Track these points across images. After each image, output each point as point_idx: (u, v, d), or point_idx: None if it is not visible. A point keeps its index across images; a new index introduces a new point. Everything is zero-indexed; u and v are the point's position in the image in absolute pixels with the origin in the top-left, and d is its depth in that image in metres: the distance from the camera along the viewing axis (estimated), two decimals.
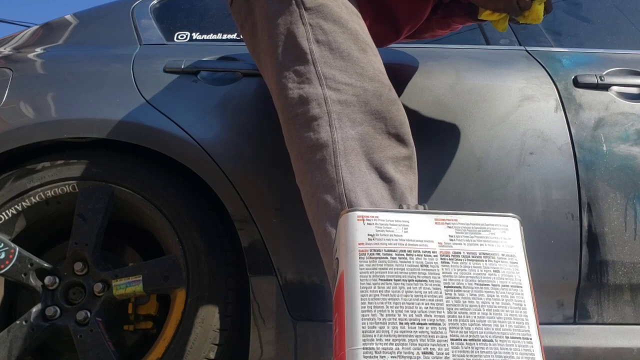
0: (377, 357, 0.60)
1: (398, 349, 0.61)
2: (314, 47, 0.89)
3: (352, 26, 0.92)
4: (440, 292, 0.64)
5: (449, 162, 1.13)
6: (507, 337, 0.62)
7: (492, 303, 0.64)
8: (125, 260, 1.39)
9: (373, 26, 1.10)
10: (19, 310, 1.38)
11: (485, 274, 0.66)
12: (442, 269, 0.66)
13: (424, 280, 0.65)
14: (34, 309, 1.23)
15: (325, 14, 0.91)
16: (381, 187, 0.81)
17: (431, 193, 1.23)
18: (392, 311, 0.63)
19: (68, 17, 1.69)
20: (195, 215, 1.27)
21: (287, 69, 0.89)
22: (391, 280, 0.65)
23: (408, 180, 0.85)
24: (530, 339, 0.62)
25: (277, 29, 0.92)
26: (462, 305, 0.64)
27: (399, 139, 0.87)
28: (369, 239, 0.68)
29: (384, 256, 0.66)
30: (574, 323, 1.20)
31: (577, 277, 1.22)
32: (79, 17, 1.69)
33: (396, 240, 0.68)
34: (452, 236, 0.69)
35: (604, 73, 1.38)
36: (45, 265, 1.26)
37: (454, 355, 0.60)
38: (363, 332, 0.62)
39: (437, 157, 1.25)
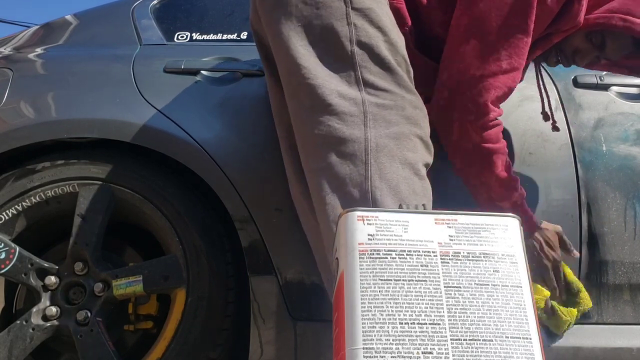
0: (377, 357, 0.60)
1: (398, 348, 0.61)
2: (356, 50, 0.88)
3: (393, 37, 0.93)
4: (440, 292, 0.64)
5: (449, 163, 1.13)
6: (506, 337, 0.62)
7: (492, 303, 0.64)
8: (125, 260, 1.39)
9: None
10: (19, 310, 1.38)
11: (485, 274, 0.66)
12: (442, 269, 0.66)
13: (424, 280, 0.65)
14: (34, 309, 1.23)
15: (371, 18, 0.91)
16: (414, 183, 0.82)
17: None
18: (392, 311, 0.63)
19: (68, 17, 1.69)
20: (195, 215, 1.27)
21: (326, 63, 0.88)
22: (391, 280, 0.65)
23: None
24: (530, 338, 0.62)
25: (318, 20, 0.90)
26: (462, 305, 0.64)
27: (428, 147, 0.89)
28: (369, 239, 0.68)
29: (384, 256, 0.66)
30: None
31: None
32: (79, 17, 1.69)
33: (396, 240, 0.68)
34: (452, 236, 0.69)
35: (604, 73, 1.38)
36: (46, 265, 1.26)
37: (453, 355, 0.60)
38: (363, 332, 0.62)
39: (437, 157, 1.25)
